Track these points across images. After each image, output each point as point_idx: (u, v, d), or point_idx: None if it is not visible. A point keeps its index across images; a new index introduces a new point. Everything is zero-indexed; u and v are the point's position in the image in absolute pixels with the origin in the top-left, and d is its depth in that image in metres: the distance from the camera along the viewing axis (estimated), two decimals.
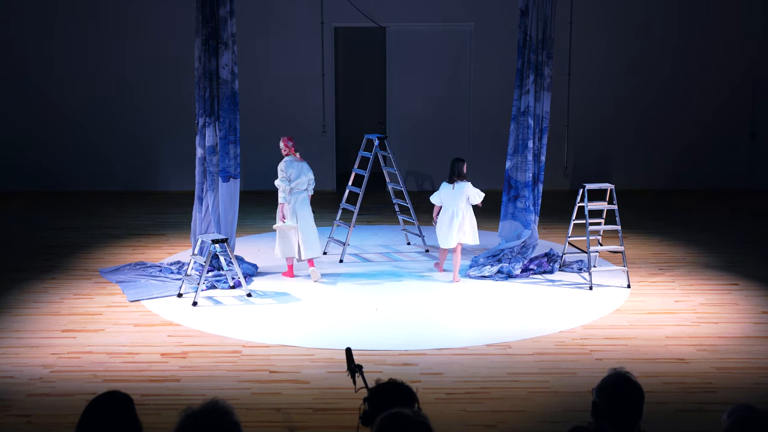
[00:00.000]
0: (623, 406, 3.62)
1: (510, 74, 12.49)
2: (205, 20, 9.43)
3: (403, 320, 8.66)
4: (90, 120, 15.13)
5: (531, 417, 6.45)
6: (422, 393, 3.85)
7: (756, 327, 8.41)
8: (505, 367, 7.35)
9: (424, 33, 15.25)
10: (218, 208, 9.71)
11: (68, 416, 6.23)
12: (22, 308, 8.81)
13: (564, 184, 15.41)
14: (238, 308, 8.95)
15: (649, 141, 15.56)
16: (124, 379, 7.01)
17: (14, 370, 7.22)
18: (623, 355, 7.60)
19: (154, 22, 14.88)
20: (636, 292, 9.47)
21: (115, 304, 9.00)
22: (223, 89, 9.55)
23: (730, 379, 7.15)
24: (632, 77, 15.35)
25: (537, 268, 10.11)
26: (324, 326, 8.45)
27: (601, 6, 15.15)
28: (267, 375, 7.18)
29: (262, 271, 10.16)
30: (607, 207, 9.92)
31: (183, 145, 14.23)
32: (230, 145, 9.67)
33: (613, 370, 3.75)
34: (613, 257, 10.71)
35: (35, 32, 14.86)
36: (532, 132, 9.92)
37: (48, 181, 15.14)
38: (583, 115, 15.40)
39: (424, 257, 10.95)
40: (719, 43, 15.29)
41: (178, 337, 8.04)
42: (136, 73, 15.02)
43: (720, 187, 15.52)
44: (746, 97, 15.52)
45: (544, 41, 9.83)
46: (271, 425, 6.28)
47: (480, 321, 8.60)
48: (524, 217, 10.07)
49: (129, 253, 11.02)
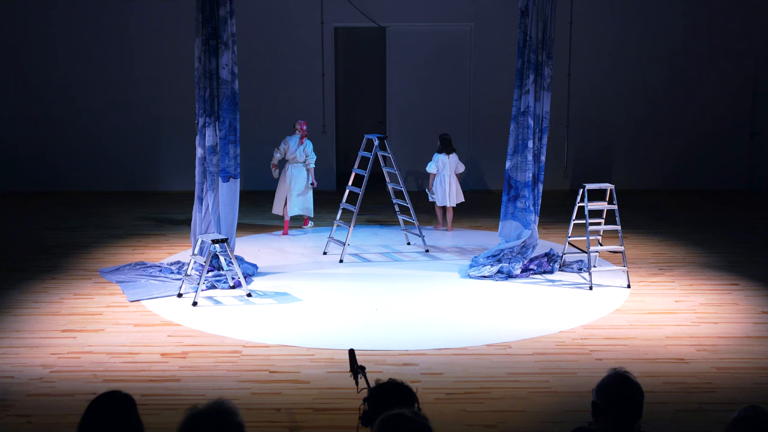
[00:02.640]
0: (623, 405, 3.63)
1: (510, 74, 12.49)
2: (205, 20, 9.43)
3: (403, 320, 8.66)
4: (90, 120, 15.14)
5: (531, 417, 6.45)
6: (422, 393, 3.85)
7: (756, 327, 8.41)
8: (505, 367, 7.35)
9: (424, 33, 15.25)
10: (218, 208, 9.71)
11: (68, 416, 6.23)
12: (22, 308, 8.81)
13: (564, 184, 15.41)
14: (238, 308, 8.95)
15: (649, 141, 15.56)
16: (124, 379, 7.01)
17: (14, 370, 7.22)
18: (623, 355, 7.59)
19: (154, 22, 14.88)
20: (636, 292, 9.47)
21: (115, 304, 9.00)
22: (223, 89, 9.55)
23: (730, 379, 7.15)
24: (632, 77, 15.35)
25: (537, 268, 10.11)
26: (324, 326, 8.45)
27: (601, 6, 15.15)
28: (267, 375, 7.18)
29: (262, 271, 10.16)
30: (607, 207, 9.92)
31: (183, 145, 14.23)
32: (230, 145, 9.67)
33: (613, 370, 3.76)
34: (613, 257, 10.71)
35: (35, 32, 14.86)
36: (532, 132, 9.92)
37: (48, 181, 15.14)
38: (583, 115, 15.40)
39: (424, 257, 10.95)
40: (719, 43, 15.29)
41: (178, 337, 8.04)
42: (136, 72, 15.02)
43: (720, 187, 15.52)
44: (746, 97, 15.52)
45: (544, 41, 9.83)
46: (271, 425, 6.28)
47: (480, 321, 8.60)
48: (524, 217, 10.07)
49: (129, 253, 11.02)
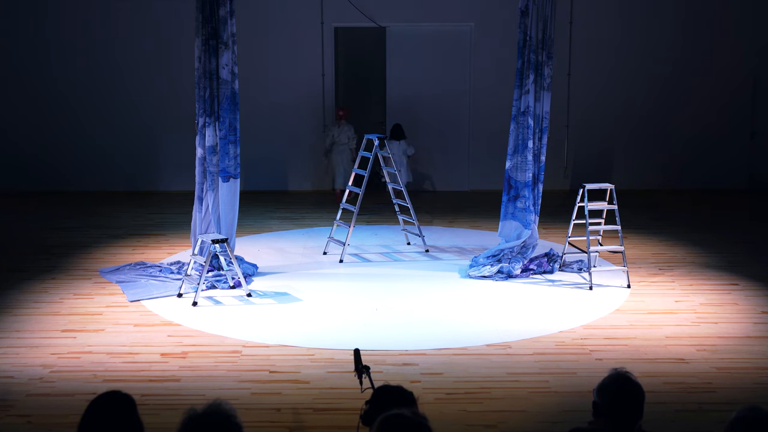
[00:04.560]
0: (624, 405, 3.63)
1: (510, 74, 12.49)
2: (205, 20, 9.43)
3: (403, 320, 8.66)
4: (90, 120, 15.13)
5: (531, 417, 6.45)
6: (422, 393, 3.86)
7: (756, 327, 8.41)
8: (505, 367, 7.34)
9: (424, 33, 15.25)
10: (218, 208, 9.71)
11: (68, 416, 6.23)
12: (22, 308, 8.81)
13: (564, 184, 15.41)
14: (238, 308, 8.95)
15: (649, 141, 15.56)
16: (124, 379, 7.01)
17: (14, 370, 7.22)
18: (623, 355, 7.59)
19: (154, 22, 14.88)
20: (636, 292, 9.47)
21: (115, 304, 9.00)
22: (223, 89, 9.55)
23: (730, 379, 7.15)
24: (632, 77, 15.35)
25: (537, 268, 10.11)
26: (324, 326, 8.44)
27: (601, 6, 15.15)
28: (267, 375, 7.18)
29: (262, 271, 10.16)
30: (607, 207, 9.92)
31: (183, 145, 14.23)
32: (230, 145, 9.67)
33: (614, 370, 3.76)
34: (613, 257, 10.71)
35: (35, 32, 14.86)
36: (532, 132, 9.92)
37: (48, 181, 15.14)
38: (583, 115, 15.40)
39: (424, 257, 10.95)
40: (719, 43, 15.29)
41: (178, 337, 8.04)
42: (136, 72, 15.02)
43: (720, 187, 15.52)
44: (746, 97, 15.52)
45: (544, 41, 9.83)
46: (271, 425, 6.28)
47: (480, 321, 8.60)
48: (524, 217, 10.07)
49: (129, 253, 11.02)
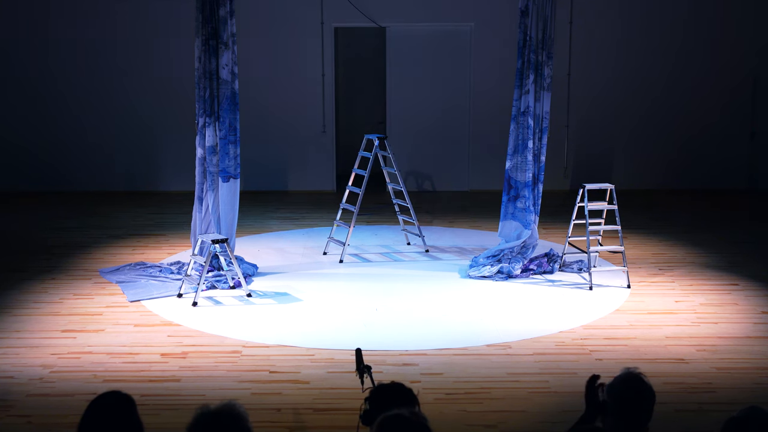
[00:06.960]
0: (633, 406, 3.60)
1: (510, 74, 12.48)
2: (205, 20, 9.43)
3: (403, 320, 8.65)
4: (90, 120, 15.13)
5: (531, 417, 6.45)
6: (422, 393, 3.86)
7: (756, 327, 8.41)
8: (505, 367, 7.34)
9: (424, 33, 15.25)
10: (218, 208, 9.71)
11: (68, 416, 6.23)
12: (22, 308, 8.81)
13: (564, 184, 15.40)
14: (238, 308, 8.95)
15: (649, 141, 15.55)
16: (124, 379, 7.01)
17: (14, 370, 7.22)
18: (623, 355, 7.59)
19: (153, 22, 14.88)
20: (636, 292, 9.47)
21: (115, 304, 9.00)
22: (223, 89, 9.55)
23: (730, 379, 7.15)
24: (632, 77, 15.34)
25: (537, 268, 10.11)
26: (324, 326, 8.44)
27: (601, 6, 15.14)
28: (267, 375, 7.18)
29: (262, 271, 10.16)
30: (607, 207, 9.92)
31: (183, 145, 14.23)
32: (230, 145, 9.67)
33: (626, 369, 3.72)
34: (613, 257, 10.71)
35: (34, 32, 14.85)
36: (532, 132, 9.91)
37: (48, 181, 15.13)
38: (583, 115, 15.39)
39: (424, 257, 10.94)
40: (720, 43, 15.28)
41: (178, 337, 8.04)
42: (136, 72, 15.01)
43: (720, 187, 15.52)
44: (746, 97, 15.52)
45: (544, 41, 9.83)
46: (271, 425, 6.28)
47: (480, 321, 8.60)
48: (524, 217, 10.07)
49: (129, 253, 11.02)
